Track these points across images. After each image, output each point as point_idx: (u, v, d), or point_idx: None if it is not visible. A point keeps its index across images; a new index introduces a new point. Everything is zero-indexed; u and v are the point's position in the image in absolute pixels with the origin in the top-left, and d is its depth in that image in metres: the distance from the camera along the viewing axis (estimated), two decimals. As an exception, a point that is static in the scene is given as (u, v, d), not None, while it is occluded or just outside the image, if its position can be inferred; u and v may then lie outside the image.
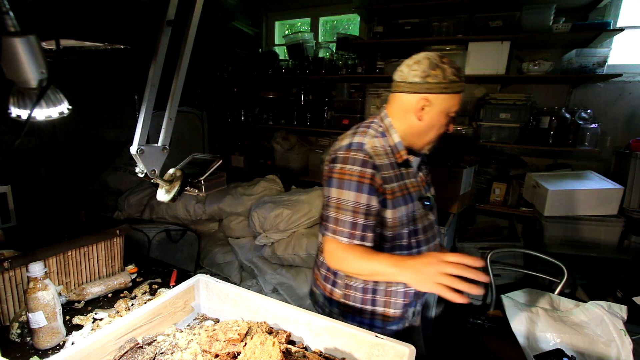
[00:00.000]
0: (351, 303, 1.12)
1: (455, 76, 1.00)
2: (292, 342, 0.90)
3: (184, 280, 1.03)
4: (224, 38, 3.44)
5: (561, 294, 1.77)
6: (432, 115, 1.03)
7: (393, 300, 1.10)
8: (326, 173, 1.05)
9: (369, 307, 1.11)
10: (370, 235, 0.99)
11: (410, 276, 0.86)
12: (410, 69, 1.02)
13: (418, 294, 1.16)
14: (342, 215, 0.98)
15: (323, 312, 1.20)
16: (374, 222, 0.99)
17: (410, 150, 1.10)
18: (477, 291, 0.75)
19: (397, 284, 1.10)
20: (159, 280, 1.37)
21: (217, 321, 1.01)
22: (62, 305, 1.03)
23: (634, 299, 1.83)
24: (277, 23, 3.68)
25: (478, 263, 0.79)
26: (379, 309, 1.11)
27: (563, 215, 2.13)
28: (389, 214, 1.03)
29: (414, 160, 1.12)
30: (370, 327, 1.12)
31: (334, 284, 1.15)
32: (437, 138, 1.09)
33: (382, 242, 1.07)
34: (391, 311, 1.11)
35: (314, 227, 2.35)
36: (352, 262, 0.96)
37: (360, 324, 1.11)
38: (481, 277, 0.76)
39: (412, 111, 1.04)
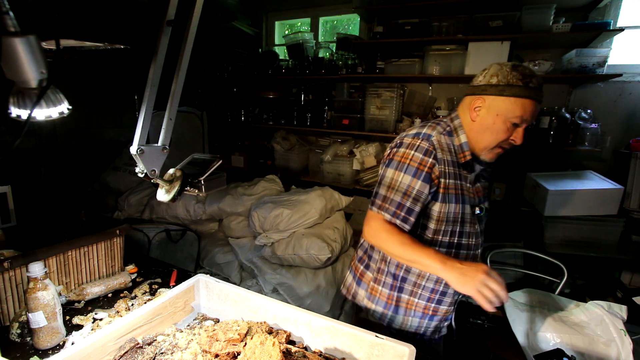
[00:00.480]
0: (378, 287, 1.19)
1: (519, 81, 0.97)
2: (292, 342, 0.90)
3: (184, 280, 1.03)
4: (224, 38, 3.44)
5: (561, 294, 1.77)
6: (486, 117, 1.03)
7: (419, 292, 1.15)
8: (387, 156, 1.11)
9: (395, 294, 1.17)
10: (412, 220, 1.03)
11: (455, 276, 0.91)
12: (481, 74, 1.08)
13: (441, 304, 1.16)
14: (393, 194, 1.03)
15: (348, 292, 1.29)
16: (419, 209, 1.04)
17: (475, 158, 1.10)
18: (494, 309, 0.88)
19: (426, 283, 1.13)
20: (159, 280, 1.37)
21: (217, 321, 1.01)
22: (62, 305, 1.03)
23: (634, 299, 1.83)
24: (277, 23, 3.68)
25: (506, 298, 0.89)
26: (405, 297, 1.16)
27: (563, 215, 2.13)
28: (437, 206, 1.06)
29: (476, 168, 1.12)
30: (395, 313, 1.18)
31: (367, 266, 1.22)
32: (496, 145, 1.05)
33: (423, 233, 1.10)
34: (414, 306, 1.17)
35: (314, 227, 2.35)
36: (392, 242, 1.01)
37: (384, 310, 1.18)
38: (504, 300, 0.88)
39: (468, 110, 1.08)
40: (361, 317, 1.25)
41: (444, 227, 1.07)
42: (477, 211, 1.10)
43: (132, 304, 1.19)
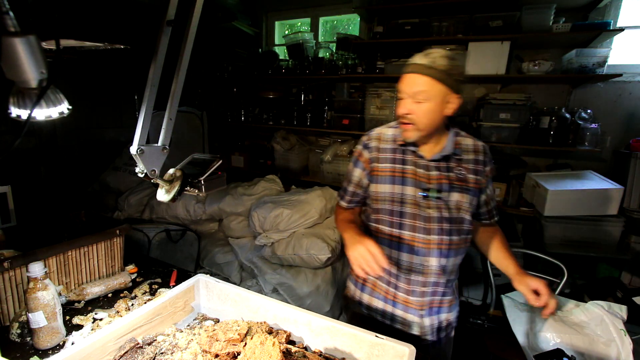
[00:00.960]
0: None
1: (410, 59, 1.09)
2: (292, 342, 0.90)
3: (184, 280, 1.03)
4: (224, 38, 3.44)
5: (561, 294, 1.77)
6: None
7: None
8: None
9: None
10: (347, 197, 1.27)
11: (347, 246, 1.04)
12: None
13: (397, 290, 1.19)
14: (344, 182, 1.29)
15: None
16: (352, 189, 1.25)
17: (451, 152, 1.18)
18: (363, 275, 0.98)
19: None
20: (159, 280, 1.37)
21: (217, 321, 1.01)
22: (62, 305, 1.03)
23: (634, 299, 1.83)
24: (277, 23, 3.68)
25: (384, 264, 0.96)
26: (370, 278, 1.25)
27: (563, 215, 2.13)
28: (371, 187, 1.20)
29: (435, 155, 1.15)
30: (362, 290, 1.28)
31: None
32: (398, 121, 1.16)
33: (370, 213, 1.23)
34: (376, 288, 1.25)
35: (314, 227, 2.35)
36: (336, 221, 1.29)
37: (355, 288, 1.30)
38: (370, 271, 0.96)
39: None
40: (343, 295, 1.40)
41: (382, 205, 1.17)
42: (423, 193, 1.13)
43: (132, 304, 1.19)
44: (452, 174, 1.15)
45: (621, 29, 2.12)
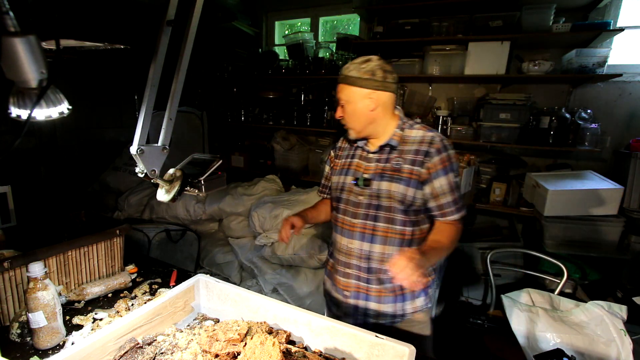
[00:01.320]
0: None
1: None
2: (292, 342, 0.90)
3: (184, 280, 1.03)
4: (224, 38, 3.44)
5: (561, 294, 1.77)
6: None
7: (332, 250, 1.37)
8: None
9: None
10: (320, 188, 1.48)
11: None
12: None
13: (332, 257, 1.34)
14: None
15: None
16: (324, 182, 1.46)
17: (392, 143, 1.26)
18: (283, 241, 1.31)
19: (334, 240, 1.34)
20: (159, 280, 1.37)
21: (217, 321, 1.01)
22: (62, 305, 1.03)
23: (634, 299, 1.83)
24: (277, 23, 3.68)
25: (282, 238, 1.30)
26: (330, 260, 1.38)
27: (563, 215, 2.13)
28: (332, 179, 1.35)
29: (376, 148, 1.23)
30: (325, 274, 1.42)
31: None
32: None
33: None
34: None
35: (313, 226, 2.35)
36: None
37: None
38: (280, 238, 1.30)
39: None
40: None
41: (334, 194, 1.32)
42: (352, 181, 1.24)
43: (132, 304, 1.19)
44: (389, 164, 1.20)
45: (621, 29, 2.12)
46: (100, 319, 1.10)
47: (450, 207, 1.18)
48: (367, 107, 1.17)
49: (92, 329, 1.05)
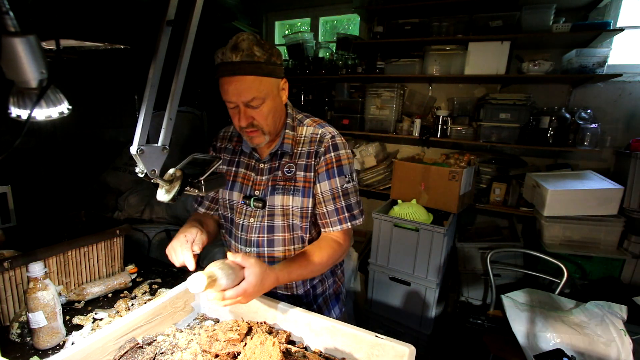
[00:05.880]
0: None
1: (218, 58, 0.91)
2: (292, 342, 0.90)
3: (184, 280, 1.03)
4: (224, 38, 3.43)
5: (561, 294, 1.77)
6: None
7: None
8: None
9: None
10: (205, 202, 1.17)
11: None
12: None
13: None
14: None
15: None
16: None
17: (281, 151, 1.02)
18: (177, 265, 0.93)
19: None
20: (159, 280, 1.37)
21: (217, 321, 1.01)
22: (62, 305, 1.03)
23: (634, 299, 1.83)
24: (277, 23, 3.68)
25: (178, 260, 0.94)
26: None
27: (563, 215, 2.13)
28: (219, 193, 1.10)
29: (266, 156, 1.03)
30: None
31: None
32: (240, 131, 0.98)
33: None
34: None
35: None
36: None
37: None
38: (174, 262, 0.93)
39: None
40: None
41: (222, 211, 1.11)
42: (242, 201, 1.02)
43: (132, 304, 1.19)
44: (280, 172, 1.00)
45: (621, 29, 2.11)
46: (100, 319, 1.10)
47: (333, 217, 0.99)
48: (282, 101, 0.98)
49: (92, 329, 1.05)
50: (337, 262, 1.05)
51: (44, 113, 0.83)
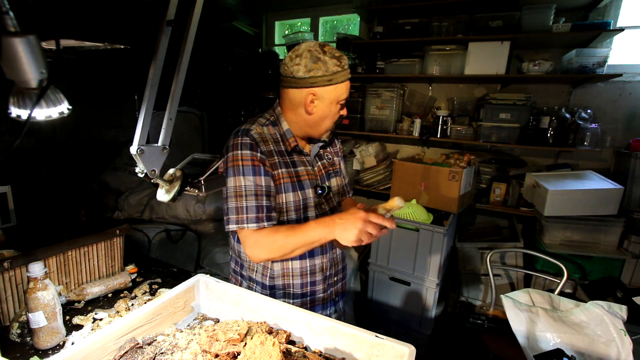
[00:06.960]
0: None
1: (337, 67, 1.04)
2: (292, 342, 0.90)
3: (184, 280, 1.03)
4: (224, 38, 3.44)
5: (561, 294, 1.77)
6: (323, 108, 1.06)
7: (291, 292, 1.15)
8: (222, 165, 1.06)
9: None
10: (274, 215, 1.04)
11: (339, 232, 0.93)
12: (294, 63, 1.02)
13: (315, 287, 1.16)
14: (245, 201, 1.00)
15: None
16: (274, 203, 1.05)
17: (311, 139, 1.16)
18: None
19: (293, 281, 1.14)
20: (159, 280, 1.37)
21: (217, 321, 1.01)
22: (62, 305, 1.03)
23: (634, 299, 1.83)
24: (277, 23, 3.68)
25: (392, 226, 0.93)
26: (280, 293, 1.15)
27: (563, 215, 2.13)
28: (278, 198, 1.07)
29: (313, 149, 1.17)
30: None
31: (241, 277, 1.22)
32: (333, 125, 1.12)
33: None
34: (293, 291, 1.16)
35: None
36: (278, 242, 0.99)
37: None
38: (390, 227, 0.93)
39: (302, 106, 1.07)
40: None
41: (287, 216, 1.08)
42: (319, 191, 1.11)
43: (132, 304, 1.19)
44: (324, 160, 1.18)
45: (621, 29, 2.12)
46: (100, 319, 1.10)
47: (348, 187, 1.27)
48: None
49: (92, 329, 1.05)
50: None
51: (44, 113, 0.83)
